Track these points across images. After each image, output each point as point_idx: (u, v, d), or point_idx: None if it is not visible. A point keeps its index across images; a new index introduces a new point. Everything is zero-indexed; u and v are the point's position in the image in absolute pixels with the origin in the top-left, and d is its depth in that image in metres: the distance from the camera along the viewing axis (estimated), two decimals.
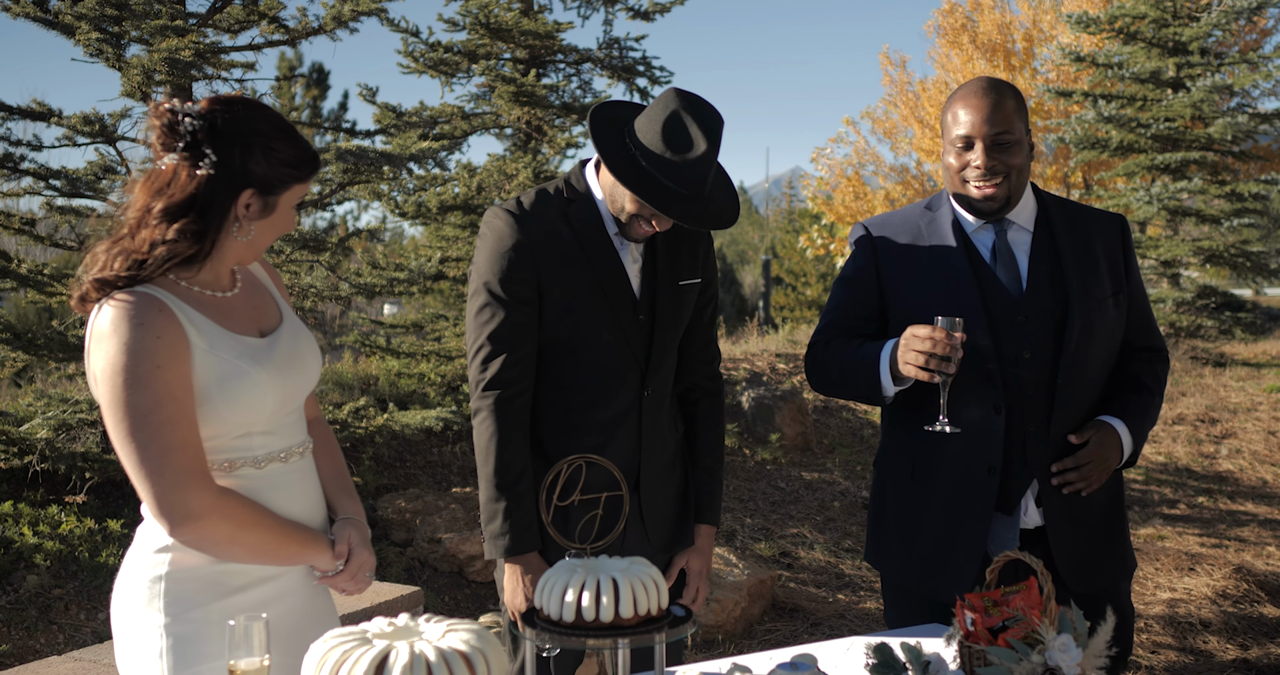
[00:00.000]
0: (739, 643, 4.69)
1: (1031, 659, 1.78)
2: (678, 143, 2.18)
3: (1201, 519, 6.88)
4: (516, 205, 2.36)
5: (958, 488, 2.42)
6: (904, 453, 2.53)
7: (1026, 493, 2.42)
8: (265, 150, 1.83)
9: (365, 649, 1.46)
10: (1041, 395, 2.39)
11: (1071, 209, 2.54)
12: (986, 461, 2.39)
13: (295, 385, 1.95)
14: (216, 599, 1.85)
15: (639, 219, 2.29)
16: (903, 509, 2.53)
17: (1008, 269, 2.43)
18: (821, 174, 17.49)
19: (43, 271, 5.41)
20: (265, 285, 2.05)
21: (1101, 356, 2.47)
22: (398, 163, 6.10)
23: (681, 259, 2.45)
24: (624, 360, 2.38)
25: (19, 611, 4.25)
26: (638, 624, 1.72)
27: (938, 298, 2.40)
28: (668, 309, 2.42)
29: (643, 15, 8.50)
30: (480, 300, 2.34)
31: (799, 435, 7.91)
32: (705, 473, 2.57)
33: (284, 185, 1.86)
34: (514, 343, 2.32)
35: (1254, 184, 12.49)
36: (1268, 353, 11.97)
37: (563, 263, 2.33)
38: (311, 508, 1.99)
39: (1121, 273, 2.51)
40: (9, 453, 4.93)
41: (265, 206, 1.86)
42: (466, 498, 5.65)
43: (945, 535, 2.44)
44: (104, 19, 5.42)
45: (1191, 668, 4.48)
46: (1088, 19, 12.97)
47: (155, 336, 1.75)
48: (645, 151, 2.20)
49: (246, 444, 1.89)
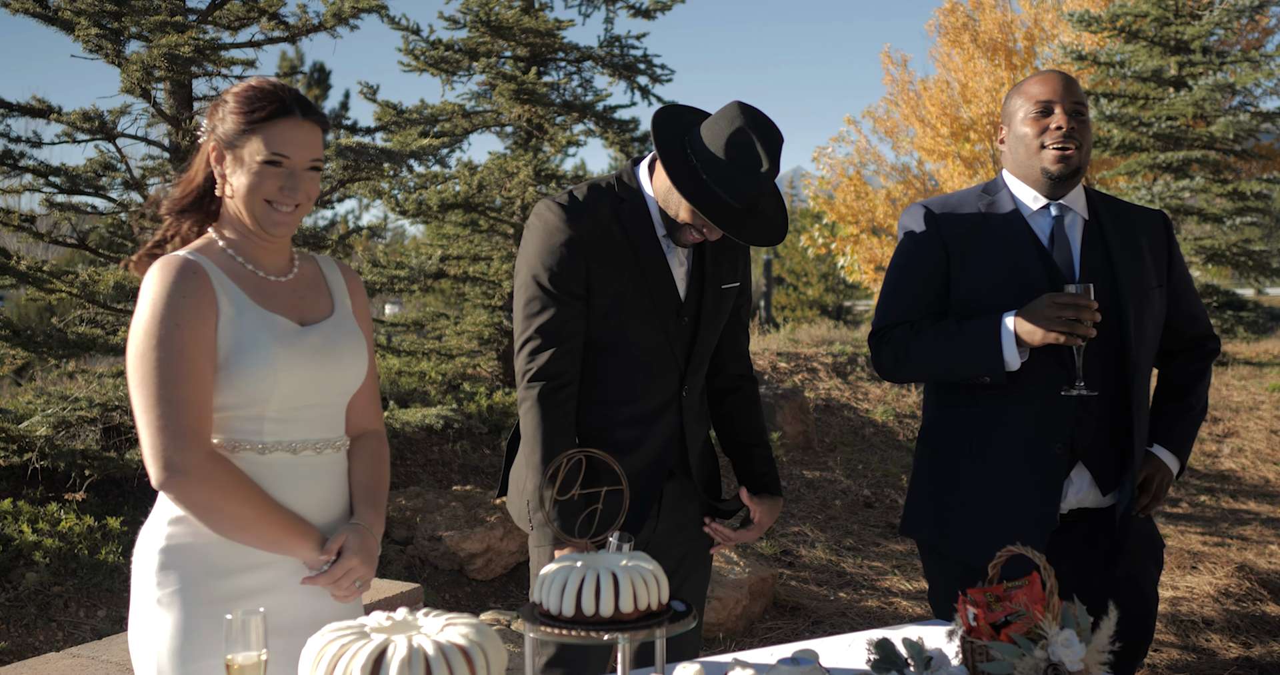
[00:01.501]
0: (740, 640, 4.67)
1: (1034, 654, 1.76)
2: (742, 159, 2.18)
3: (1204, 518, 6.87)
4: (569, 199, 2.35)
5: (1023, 463, 2.46)
6: (962, 427, 2.55)
7: (1074, 471, 2.48)
8: (221, 105, 1.94)
9: (363, 643, 1.45)
10: (1106, 376, 2.45)
11: (1117, 204, 2.62)
12: (1053, 438, 2.44)
13: (321, 379, 1.96)
14: (214, 577, 1.88)
15: (690, 228, 2.29)
16: (960, 483, 2.55)
17: (1063, 253, 2.50)
18: (823, 173, 17.48)
19: (42, 268, 5.40)
20: (330, 287, 2.09)
21: (1151, 342, 2.55)
22: (398, 159, 6.09)
23: (724, 264, 2.47)
24: (664, 360, 2.39)
25: (18, 609, 4.24)
26: (638, 619, 1.70)
27: (1003, 278, 2.46)
28: (711, 312, 2.43)
29: (644, 13, 8.49)
30: (529, 293, 2.33)
31: (800, 434, 7.90)
32: (763, 449, 2.60)
33: (240, 134, 1.90)
34: (562, 337, 2.31)
35: (1256, 183, 12.48)
36: (1269, 352, 11.96)
37: (612, 262, 2.32)
38: (318, 507, 1.98)
39: (1164, 265, 2.59)
40: (9, 450, 4.92)
41: (235, 160, 1.92)
42: (467, 496, 5.64)
43: (1008, 509, 2.47)
44: (103, 15, 5.41)
45: (1194, 666, 4.46)
46: (1089, 18, 12.96)
47: (181, 296, 1.84)
48: (707, 163, 2.20)
49: (256, 427, 1.91)
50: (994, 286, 2.44)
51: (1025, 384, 2.43)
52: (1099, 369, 2.44)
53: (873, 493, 7.24)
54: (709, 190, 2.20)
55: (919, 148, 16.06)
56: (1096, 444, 2.47)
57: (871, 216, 16.57)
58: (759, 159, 2.18)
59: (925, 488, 2.63)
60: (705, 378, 2.55)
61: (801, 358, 9.73)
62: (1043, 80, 2.49)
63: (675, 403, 2.42)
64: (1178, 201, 12.65)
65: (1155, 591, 2.62)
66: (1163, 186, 12.46)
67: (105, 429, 5.43)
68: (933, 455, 2.62)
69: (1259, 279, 13.74)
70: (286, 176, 1.92)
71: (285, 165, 1.91)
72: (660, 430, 2.41)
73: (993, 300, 2.40)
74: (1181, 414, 2.65)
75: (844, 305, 25.87)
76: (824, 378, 9.43)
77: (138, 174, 5.83)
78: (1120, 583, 2.49)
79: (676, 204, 2.27)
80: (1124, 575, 2.51)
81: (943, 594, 2.59)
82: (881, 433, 8.52)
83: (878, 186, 16.96)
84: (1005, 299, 2.42)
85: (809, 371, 9.48)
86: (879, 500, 7.09)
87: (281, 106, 1.90)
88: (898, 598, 5.33)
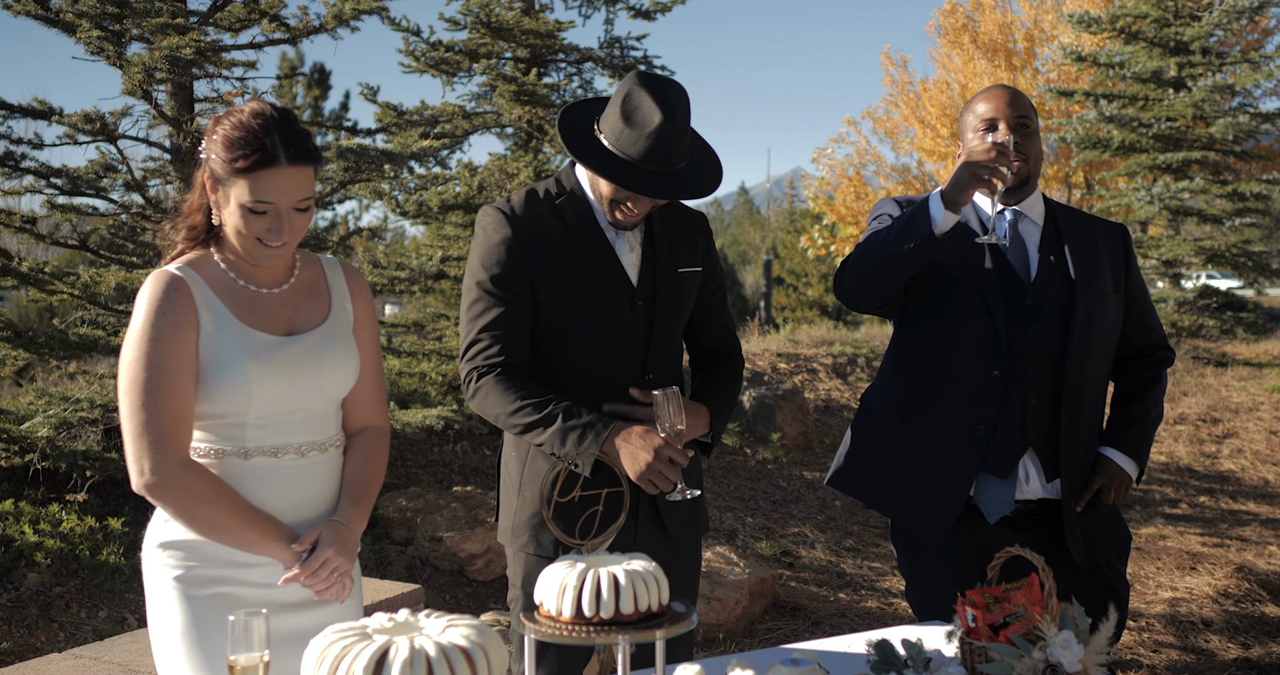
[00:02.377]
0: (740, 641, 4.68)
1: (1033, 655, 1.77)
2: (639, 120, 2.23)
3: (1203, 518, 6.88)
4: (506, 203, 2.40)
5: (946, 443, 2.56)
6: (898, 400, 2.66)
7: (1024, 460, 2.55)
8: (210, 137, 1.96)
9: (365, 644, 1.45)
10: (1048, 372, 2.54)
11: (1076, 215, 2.73)
12: (979, 422, 2.53)
13: (303, 387, 2.01)
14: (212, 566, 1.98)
15: (618, 205, 2.32)
16: (888, 450, 2.66)
17: (1018, 255, 2.59)
18: (823, 174, 17.50)
19: (43, 270, 5.41)
20: (331, 290, 2.13)
21: (1103, 346, 2.63)
22: (398, 161, 6.09)
23: (680, 246, 2.48)
24: (625, 349, 2.38)
25: (19, 610, 4.24)
26: (638, 620, 1.71)
27: (959, 267, 2.54)
28: (668, 297, 2.44)
29: (644, 14, 8.50)
30: (472, 296, 2.36)
31: (800, 434, 7.91)
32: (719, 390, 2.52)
33: (226, 176, 1.92)
34: (508, 336, 2.33)
35: (1255, 184, 12.48)
36: (1269, 352, 11.97)
37: (553, 254, 2.34)
38: (301, 507, 2.03)
39: (1122, 274, 2.69)
40: (10, 451, 4.93)
41: (223, 195, 1.95)
42: (467, 496, 5.64)
43: (927, 485, 2.57)
44: (105, 17, 5.42)
45: (1193, 667, 4.47)
46: (1089, 19, 12.97)
47: (162, 313, 1.93)
48: (611, 135, 2.26)
49: (239, 433, 1.98)
50: (947, 275, 2.55)
51: (959, 367, 2.54)
52: (1049, 364, 2.53)
53: None
54: (611, 157, 2.25)
55: (919, 148, 16.08)
56: (1043, 435, 2.54)
57: None
58: (654, 113, 2.21)
59: (855, 447, 2.75)
60: (678, 370, 2.53)
61: (801, 358, 9.73)
62: (988, 97, 2.58)
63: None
64: (1177, 202, 12.66)
65: (1123, 582, 2.67)
66: (1162, 187, 12.47)
67: (106, 430, 5.43)
68: (869, 417, 2.73)
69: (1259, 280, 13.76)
70: (274, 219, 1.94)
71: (271, 212, 1.93)
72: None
73: (944, 289, 2.54)
74: (1136, 418, 2.70)
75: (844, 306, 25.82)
76: (824, 378, 9.44)
77: (139, 175, 5.84)
78: (1084, 573, 2.56)
79: (596, 182, 2.33)
80: (1087, 566, 2.57)
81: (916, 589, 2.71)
82: None
83: (878, 187, 16.97)
84: (957, 289, 2.54)
85: (809, 372, 9.48)
86: None
87: (264, 156, 1.89)
88: (897, 598, 5.34)
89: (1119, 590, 2.64)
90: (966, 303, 2.54)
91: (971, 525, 2.56)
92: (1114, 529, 2.67)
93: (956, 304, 2.55)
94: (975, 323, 2.52)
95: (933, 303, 2.59)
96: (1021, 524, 2.57)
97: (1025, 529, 2.56)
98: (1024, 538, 2.51)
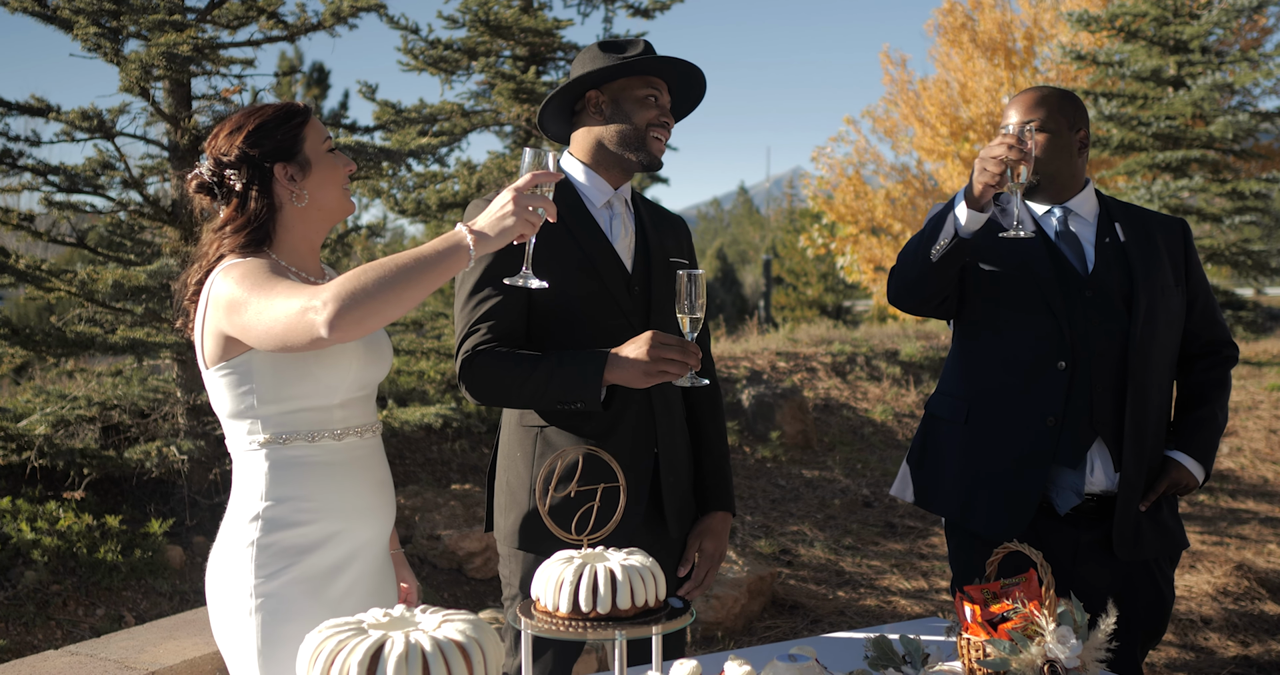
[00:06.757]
0: (739, 639, 4.68)
1: (1030, 651, 1.77)
2: (613, 46, 2.40)
3: (1202, 517, 6.87)
4: (497, 194, 2.38)
5: (1016, 437, 2.56)
6: (961, 398, 2.67)
7: (1093, 450, 2.54)
8: (247, 132, 2.01)
9: (360, 639, 1.45)
10: (1112, 361, 2.55)
11: (1133, 210, 2.73)
12: (1048, 413, 2.53)
13: (374, 367, 2.08)
14: (300, 557, 1.96)
15: (652, 127, 2.40)
16: (956, 452, 2.65)
17: (1073, 249, 2.62)
18: (822, 173, 17.49)
19: (41, 267, 5.40)
20: None
21: (1166, 337, 2.63)
22: (397, 158, 6.08)
23: (667, 238, 2.53)
24: (624, 334, 2.35)
25: (17, 607, 4.24)
26: (635, 615, 1.70)
27: (1013, 263, 2.58)
28: (662, 283, 2.46)
29: (643, 13, 8.49)
30: (468, 288, 2.37)
31: (799, 433, 7.91)
32: (717, 459, 2.58)
33: (297, 140, 2.02)
34: (503, 325, 2.33)
35: (1255, 182, 12.47)
36: (1269, 351, 11.97)
37: (547, 242, 2.32)
38: (384, 482, 2.11)
39: (1182, 268, 2.69)
40: (7, 449, 4.92)
41: (301, 164, 2.02)
42: (466, 495, 5.64)
43: (1000, 481, 2.57)
44: (102, 14, 5.41)
45: (1192, 664, 4.47)
46: (1088, 17, 12.96)
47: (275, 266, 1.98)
48: (601, 61, 2.39)
49: (327, 417, 2.00)
50: (1001, 273, 2.58)
51: (1026, 359, 2.55)
52: (1113, 353, 2.54)
53: (871, 492, 7.24)
54: (625, 60, 2.36)
55: (918, 147, 16.07)
56: (1109, 425, 2.54)
57: (871, 216, 16.58)
58: (629, 43, 2.40)
59: (919, 455, 2.75)
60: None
61: (800, 357, 9.73)
62: (1013, 101, 2.65)
63: (644, 390, 2.39)
64: (1177, 201, 12.65)
65: (1170, 587, 2.66)
66: (1162, 186, 12.46)
67: (104, 428, 5.43)
68: (933, 423, 2.74)
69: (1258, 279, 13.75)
70: (341, 153, 2.12)
71: (336, 148, 2.08)
72: (634, 408, 2.38)
73: (1000, 286, 2.58)
74: (1204, 422, 2.69)
75: (843, 305, 25.87)
76: (823, 377, 9.44)
77: (137, 173, 5.82)
78: (1136, 570, 2.57)
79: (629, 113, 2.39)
80: (1138, 563, 2.57)
81: (957, 557, 2.71)
82: (880, 432, 8.52)
83: (877, 186, 16.96)
84: (1015, 287, 2.56)
85: (808, 371, 9.48)
86: (878, 499, 7.10)
87: (305, 108, 2.07)
88: (896, 596, 5.33)
89: (1165, 596, 2.63)
90: (1025, 299, 2.56)
91: (1033, 522, 2.57)
92: (1168, 531, 2.65)
93: (1015, 301, 2.57)
94: (1037, 318, 2.55)
95: (991, 302, 2.61)
96: (1081, 521, 2.57)
97: (1084, 526, 2.56)
98: (1084, 535, 2.54)
